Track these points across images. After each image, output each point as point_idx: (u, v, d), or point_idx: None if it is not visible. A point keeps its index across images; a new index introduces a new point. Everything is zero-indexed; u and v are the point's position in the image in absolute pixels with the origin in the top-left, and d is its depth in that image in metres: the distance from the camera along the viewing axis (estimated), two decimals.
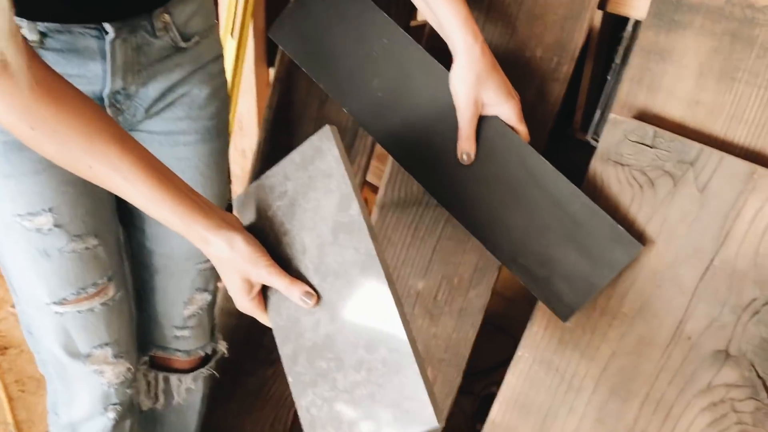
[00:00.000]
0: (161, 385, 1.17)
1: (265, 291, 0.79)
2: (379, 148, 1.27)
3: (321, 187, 0.75)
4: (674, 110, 0.85)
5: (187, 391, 1.18)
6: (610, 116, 0.87)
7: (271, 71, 1.73)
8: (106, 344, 0.99)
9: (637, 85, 0.88)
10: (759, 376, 0.75)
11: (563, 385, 0.91)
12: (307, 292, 0.74)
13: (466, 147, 0.87)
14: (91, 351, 0.98)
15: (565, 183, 0.83)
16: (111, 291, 0.97)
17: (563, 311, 0.83)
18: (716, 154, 0.78)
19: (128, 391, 1.05)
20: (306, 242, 0.75)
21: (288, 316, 0.75)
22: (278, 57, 1.21)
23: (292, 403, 1.33)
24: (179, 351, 1.14)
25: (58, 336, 0.96)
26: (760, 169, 0.75)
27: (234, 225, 0.76)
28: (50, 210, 0.89)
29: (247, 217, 0.81)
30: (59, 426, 1.06)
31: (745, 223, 0.76)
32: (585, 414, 0.88)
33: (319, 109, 1.21)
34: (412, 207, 1.05)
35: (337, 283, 0.72)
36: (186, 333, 1.12)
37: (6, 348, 1.93)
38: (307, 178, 0.77)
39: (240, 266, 0.75)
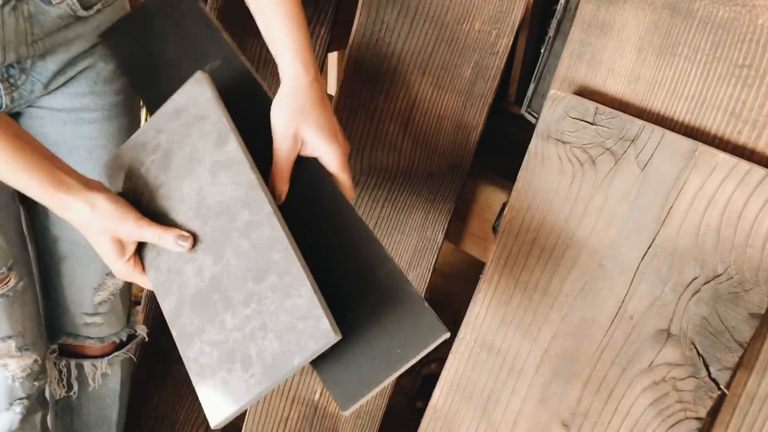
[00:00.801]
0: (74, 372, 1.12)
1: (141, 253, 0.75)
2: None
3: (196, 131, 0.74)
4: (615, 86, 0.83)
5: (104, 377, 1.12)
6: (551, 92, 0.85)
7: None
8: (9, 337, 0.93)
9: (578, 59, 0.86)
10: (699, 355, 0.75)
11: (505, 368, 0.89)
12: (181, 235, 0.72)
13: (278, 185, 0.75)
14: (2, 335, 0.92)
15: (377, 248, 0.72)
16: (12, 281, 0.91)
17: (342, 400, 0.69)
18: (658, 131, 0.76)
19: (36, 383, 0.99)
20: (184, 190, 0.73)
21: (169, 269, 0.72)
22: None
23: None
24: (91, 338, 1.08)
25: None
26: (701, 146, 0.74)
27: (95, 187, 0.72)
28: None
29: (119, 181, 0.77)
30: None
31: (687, 200, 0.75)
32: (528, 396, 0.87)
33: None
34: None
35: (219, 222, 0.70)
36: (98, 320, 1.06)
37: None
38: (180, 126, 0.75)
39: (106, 226, 0.71)
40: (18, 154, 0.69)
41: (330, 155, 0.75)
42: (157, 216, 0.73)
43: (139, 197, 0.75)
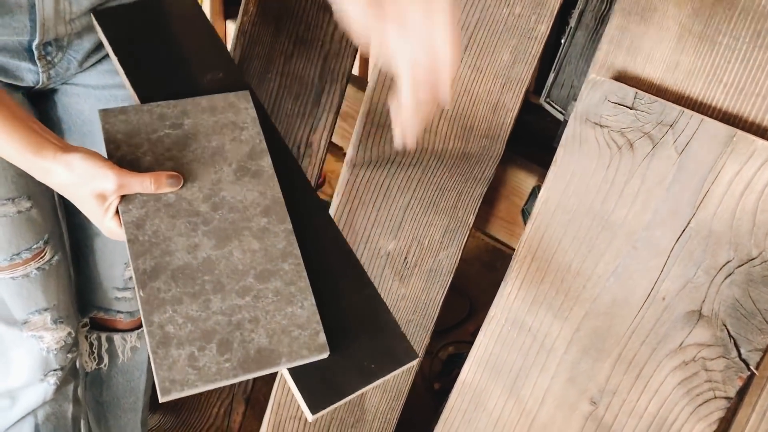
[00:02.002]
0: (104, 345, 1.14)
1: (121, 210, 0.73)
2: (344, 107, 1.24)
3: (229, 134, 0.78)
4: (653, 72, 0.85)
5: (133, 350, 1.15)
6: (590, 76, 0.86)
7: (229, 24, 1.66)
8: (45, 309, 0.95)
9: (617, 46, 0.87)
10: (730, 336, 0.77)
11: (535, 346, 0.91)
12: (171, 175, 0.73)
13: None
14: (28, 317, 0.94)
15: (361, 272, 0.75)
16: (47, 255, 0.93)
17: (311, 403, 0.69)
18: (696, 117, 0.78)
19: (69, 355, 1.01)
20: (198, 173, 0.75)
21: (154, 233, 0.72)
22: (242, 8, 1.15)
23: None
24: (121, 312, 1.11)
25: None
26: (739, 133, 0.75)
27: (71, 148, 0.71)
28: None
29: (118, 126, 0.77)
30: None
31: (723, 185, 0.76)
32: (557, 373, 0.89)
33: (285, 63, 1.17)
34: (384, 167, 1.03)
35: (232, 216, 0.74)
36: (128, 294, 1.09)
37: None
38: (213, 122, 0.79)
39: (87, 184, 0.70)
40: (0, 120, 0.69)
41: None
42: None
43: (140, 156, 0.75)
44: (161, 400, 0.65)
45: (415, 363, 0.72)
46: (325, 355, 0.68)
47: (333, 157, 2.10)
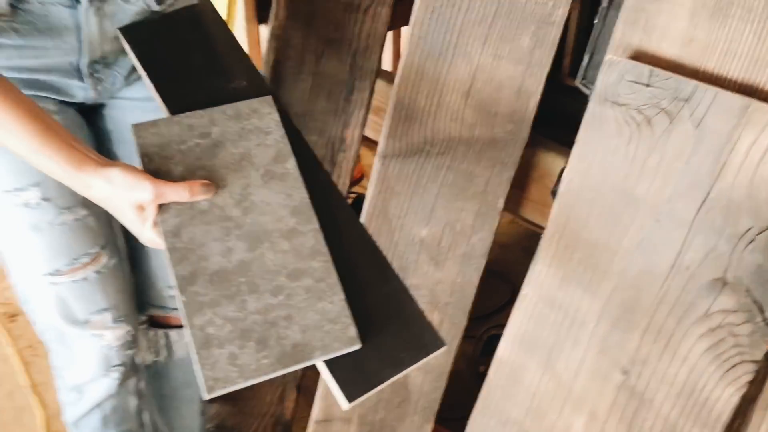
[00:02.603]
0: (162, 341, 1.21)
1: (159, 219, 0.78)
2: (375, 101, 1.29)
3: (254, 139, 0.83)
4: (669, 49, 0.87)
5: (188, 345, 1.22)
6: (607, 57, 0.89)
7: (262, 28, 1.73)
8: (105, 310, 1.02)
9: (632, 26, 0.89)
10: (755, 301, 0.79)
11: (567, 321, 0.94)
12: (204, 183, 0.77)
13: None
14: (89, 317, 1.01)
15: (386, 266, 0.80)
16: (104, 258, 1.00)
17: (347, 392, 0.73)
18: (711, 90, 0.80)
19: (129, 352, 1.08)
20: (228, 179, 0.80)
21: (190, 239, 0.76)
22: (273, 13, 1.21)
23: None
24: (175, 309, 1.17)
25: (55, 305, 0.98)
26: (754, 103, 0.77)
27: (109, 162, 0.76)
28: (37, 185, 0.90)
29: (151, 139, 0.82)
30: (66, 388, 1.10)
31: (740, 155, 0.78)
32: (589, 346, 0.92)
33: (316, 63, 1.22)
34: (414, 157, 1.07)
35: (262, 219, 0.78)
36: None
37: (15, 315, 1.96)
38: (239, 129, 0.83)
39: (126, 197, 0.75)
40: (40, 139, 0.74)
41: None
42: None
43: (173, 167, 0.79)
44: (206, 397, 0.70)
45: (444, 349, 0.76)
46: (356, 347, 0.73)
47: (371, 152, 2.15)
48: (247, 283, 0.75)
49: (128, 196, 0.75)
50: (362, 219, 1.11)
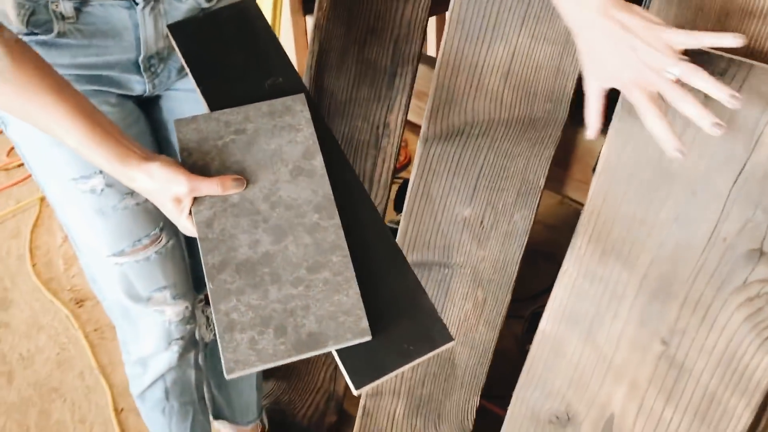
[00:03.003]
0: None
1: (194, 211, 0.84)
2: (418, 86, 1.32)
3: (286, 136, 0.87)
4: (704, 24, 0.88)
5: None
6: None
7: (308, 19, 1.78)
8: (164, 287, 1.09)
9: (668, 2, 0.91)
10: None
11: (607, 294, 0.97)
12: (236, 178, 0.83)
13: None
14: (151, 294, 1.08)
15: (402, 262, 0.84)
16: (163, 240, 1.07)
17: (355, 380, 0.78)
18: (746, 64, 0.81)
19: (188, 326, 1.15)
20: (259, 174, 0.85)
21: (222, 231, 0.82)
22: (317, 4, 1.25)
23: None
24: None
25: (120, 283, 1.06)
26: None
27: (151, 157, 0.82)
28: (101, 172, 0.97)
29: (190, 135, 0.87)
30: (131, 362, 1.18)
31: None
32: (628, 319, 0.95)
33: (359, 51, 1.27)
34: (455, 138, 1.10)
35: (287, 213, 0.83)
36: None
37: (83, 300, 2.08)
38: (271, 126, 0.88)
39: (165, 190, 0.81)
40: (90, 134, 0.80)
41: None
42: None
43: (209, 162, 0.85)
44: (227, 377, 0.76)
45: (452, 344, 0.80)
46: (367, 339, 0.78)
47: (416, 136, 2.19)
48: (271, 273, 0.81)
49: (166, 189, 0.82)
50: (406, 200, 1.16)
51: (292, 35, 1.73)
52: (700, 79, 0.73)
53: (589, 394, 1.01)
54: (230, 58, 0.97)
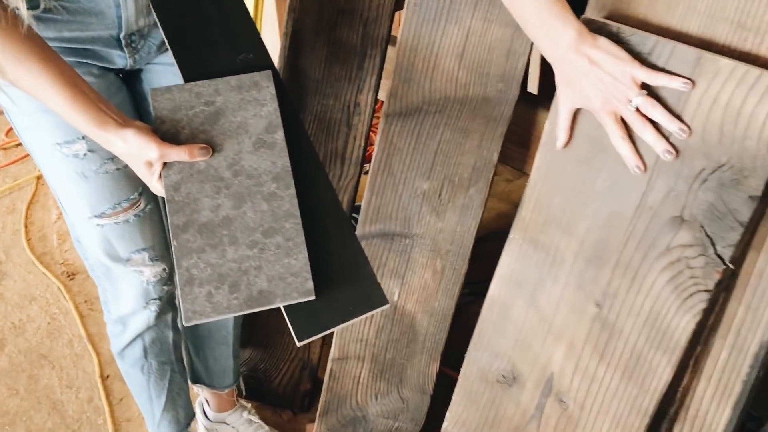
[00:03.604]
0: None
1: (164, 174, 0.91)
2: (389, 67, 1.39)
3: (251, 110, 0.94)
4: (639, 8, 0.95)
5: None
6: (582, 17, 0.97)
7: None
8: (143, 249, 1.16)
9: None
10: (707, 235, 0.87)
11: (548, 260, 1.04)
12: (202, 147, 0.90)
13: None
14: (130, 255, 1.15)
15: (349, 229, 0.91)
16: (142, 203, 1.14)
17: (298, 333, 0.86)
18: (670, 43, 0.88)
19: (165, 287, 1.22)
20: (224, 144, 0.92)
21: (187, 194, 0.89)
22: None
23: None
24: None
25: (101, 244, 1.13)
26: (705, 54, 0.85)
27: (127, 123, 0.90)
28: (83, 138, 1.04)
29: (165, 104, 0.94)
30: (112, 321, 1.25)
31: (695, 103, 0.86)
32: (567, 283, 1.02)
33: (330, 32, 1.33)
34: (414, 115, 1.17)
35: (248, 182, 0.90)
36: None
37: (74, 274, 2.15)
38: (239, 99, 0.94)
39: (138, 154, 0.89)
40: (72, 100, 0.87)
41: None
42: None
43: (180, 130, 0.92)
44: (186, 324, 0.84)
45: (386, 307, 0.89)
46: (311, 298, 0.86)
47: None
48: (229, 235, 0.88)
49: (139, 154, 0.90)
50: (369, 174, 1.22)
51: (275, 19, 1.79)
52: (656, 111, 0.86)
53: (531, 355, 1.08)
54: (205, 33, 1.04)
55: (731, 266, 0.86)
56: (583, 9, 1.00)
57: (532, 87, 1.38)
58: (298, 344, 0.86)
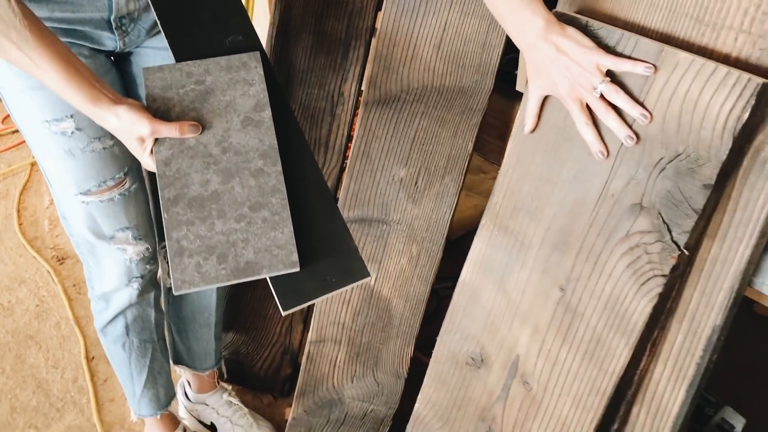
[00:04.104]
0: None
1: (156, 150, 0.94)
2: (371, 58, 1.42)
3: (240, 89, 0.97)
4: (606, 3, 0.98)
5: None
6: (553, 11, 1.00)
7: None
8: (127, 228, 1.20)
9: None
10: (664, 222, 0.90)
11: (516, 245, 1.07)
12: (192, 124, 0.93)
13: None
14: (114, 233, 1.19)
15: (333, 206, 0.95)
16: (127, 183, 1.17)
17: (283, 303, 0.90)
18: (634, 37, 0.91)
19: (148, 267, 1.26)
20: (214, 122, 0.95)
21: (178, 169, 0.93)
22: None
23: None
24: None
25: (86, 221, 1.17)
26: (666, 48, 0.88)
27: (120, 100, 0.93)
28: (71, 116, 1.08)
29: (156, 82, 0.98)
30: (95, 297, 1.29)
31: (655, 94, 0.89)
32: (534, 267, 1.05)
33: (316, 23, 1.36)
34: (392, 104, 1.21)
35: (236, 158, 0.94)
36: None
37: (64, 258, 2.18)
38: (228, 79, 0.98)
39: (130, 129, 0.92)
40: (68, 77, 0.91)
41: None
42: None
43: (171, 108, 0.96)
44: (175, 293, 0.87)
45: (368, 279, 0.93)
46: (296, 270, 0.89)
47: None
48: (217, 209, 0.92)
49: (131, 130, 0.93)
50: (349, 160, 1.26)
51: (268, 8, 1.83)
52: (619, 98, 0.89)
53: (499, 338, 1.11)
54: (197, 14, 1.07)
55: (686, 252, 0.89)
56: (555, 4, 1.03)
57: (521, 86, 1.41)
58: (283, 313, 0.89)
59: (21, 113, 1.11)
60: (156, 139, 0.94)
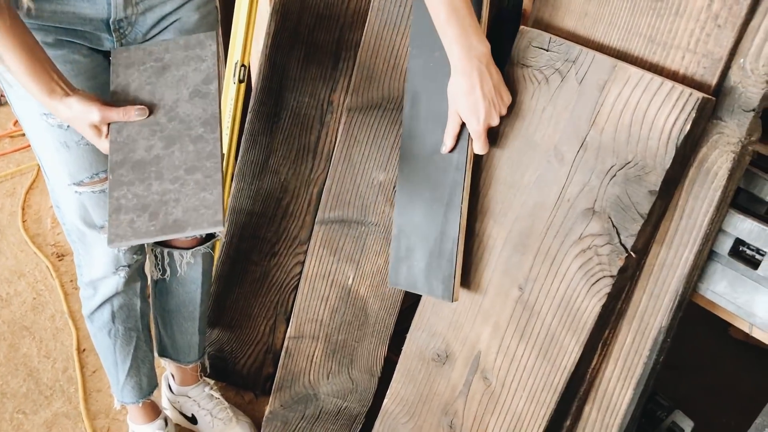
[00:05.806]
0: (166, 259, 1.44)
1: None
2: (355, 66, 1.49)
3: (193, 65, 1.06)
4: (569, 22, 1.05)
5: (188, 265, 1.44)
6: (521, 28, 1.08)
7: None
8: None
9: (544, 3, 1.08)
10: (614, 226, 0.96)
11: (481, 246, 1.13)
12: (140, 108, 1.02)
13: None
14: (104, 223, 1.25)
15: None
16: None
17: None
18: (591, 53, 0.98)
19: (135, 257, 1.32)
20: (165, 94, 1.03)
21: (127, 136, 1.01)
22: None
23: (292, 288, 1.58)
24: None
25: (78, 210, 1.23)
26: (620, 63, 0.95)
27: (73, 92, 1.00)
28: None
29: (122, 60, 1.07)
30: (84, 284, 1.35)
31: (608, 106, 0.96)
32: (496, 267, 1.11)
33: (308, 34, 1.44)
34: (374, 111, 1.28)
35: (180, 126, 1.01)
36: None
37: (63, 255, 2.25)
38: (184, 56, 1.07)
39: (82, 118, 1.00)
40: (25, 68, 0.97)
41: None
42: (139, 101, 1.04)
43: (130, 83, 1.05)
44: (109, 247, 0.95)
45: (221, 228, 0.97)
46: (220, 229, 0.96)
47: None
48: (156, 171, 0.99)
49: (84, 118, 1.01)
50: (331, 163, 1.33)
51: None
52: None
53: (462, 335, 1.16)
54: None
55: (633, 254, 0.95)
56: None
57: None
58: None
59: (21, 106, 1.18)
60: (109, 125, 1.02)
